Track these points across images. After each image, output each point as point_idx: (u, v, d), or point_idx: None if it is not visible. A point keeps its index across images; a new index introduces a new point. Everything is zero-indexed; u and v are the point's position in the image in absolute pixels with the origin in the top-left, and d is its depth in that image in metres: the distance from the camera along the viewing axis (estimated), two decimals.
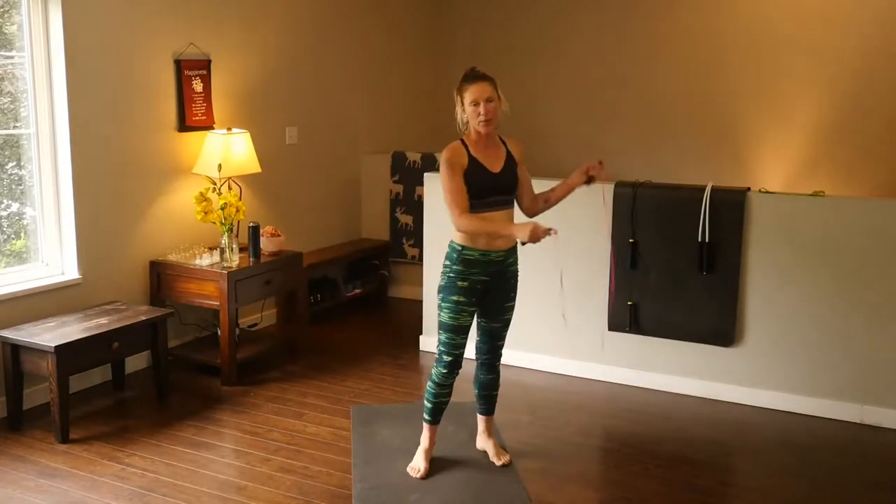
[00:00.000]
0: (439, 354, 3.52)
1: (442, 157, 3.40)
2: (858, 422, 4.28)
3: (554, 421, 4.31)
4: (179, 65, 4.98)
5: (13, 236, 4.50)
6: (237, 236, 4.98)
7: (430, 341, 5.25)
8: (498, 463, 3.72)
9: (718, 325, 4.51)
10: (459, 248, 3.44)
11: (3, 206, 4.45)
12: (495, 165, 3.43)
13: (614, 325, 4.75)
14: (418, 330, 5.41)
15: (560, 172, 6.69)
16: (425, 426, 3.67)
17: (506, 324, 3.61)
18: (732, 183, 5.21)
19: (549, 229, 3.23)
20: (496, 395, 3.78)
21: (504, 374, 4.93)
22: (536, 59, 7.26)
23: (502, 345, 3.68)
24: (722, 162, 6.59)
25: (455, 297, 3.44)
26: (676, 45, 6.73)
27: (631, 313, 4.69)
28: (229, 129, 5.09)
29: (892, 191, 6.02)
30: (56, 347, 3.89)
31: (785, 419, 4.35)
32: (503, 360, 5.01)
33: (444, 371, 3.52)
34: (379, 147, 6.64)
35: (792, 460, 3.90)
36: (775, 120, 6.46)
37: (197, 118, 5.10)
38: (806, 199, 4.38)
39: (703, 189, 4.46)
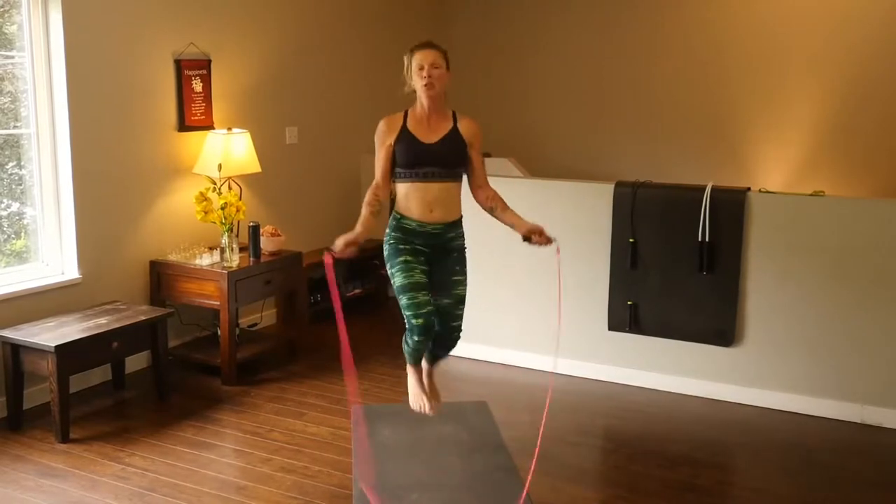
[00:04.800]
0: (407, 321, 3.35)
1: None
2: (858, 422, 4.28)
3: (554, 421, 4.31)
4: (179, 65, 4.98)
5: (13, 236, 4.50)
6: (237, 236, 4.98)
7: None
8: (430, 411, 3.61)
9: (718, 325, 4.51)
10: (398, 216, 3.43)
11: (3, 206, 4.45)
12: (431, 137, 3.39)
13: (614, 325, 4.75)
14: None
15: (558, 172, 6.72)
16: (410, 367, 3.61)
17: (457, 300, 3.47)
18: (732, 183, 5.20)
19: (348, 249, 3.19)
20: (441, 358, 3.67)
21: (504, 374, 4.96)
22: (537, 59, 7.26)
23: (458, 327, 3.51)
24: (722, 162, 6.60)
25: (401, 258, 3.39)
26: (677, 44, 6.73)
27: (631, 313, 4.69)
28: (229, 129, 5.09)
29: (892, 191, 6.02)
30: (56, 347, 3.89)
31: (785, 419, 4.36)
32: (504, 360, 5.06)
33: (418, 338, 3.38)
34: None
35: (792, 460, 3.90)
36: (775, 120, 6.46)
37: (197, 118, 5.10)
38: (806, 199, 4.38)
39: (703, 189, 4.46)
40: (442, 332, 3.52)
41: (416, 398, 3.66)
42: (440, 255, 3.46)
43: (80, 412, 4.28)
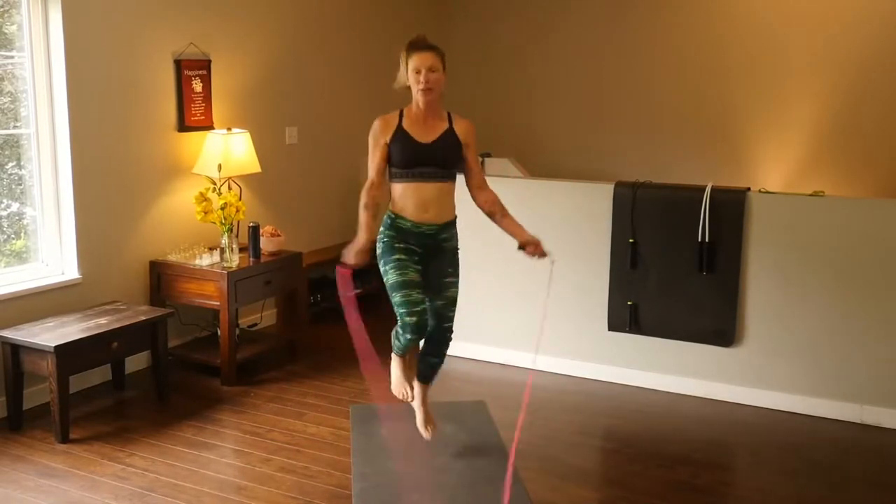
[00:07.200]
0: (400, 318, 3.33)
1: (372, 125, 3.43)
2: (858, 422, 4.28)
3: (554, 421, 4.31)
4: (179, 65, 4.98)
5: (13, 236, 4.50)
6: (237, 236, 4.98)
7: None
8: (425, 434, 3.62)
9: (718, 325, 4.51)
10: (393, 216, 3.42)
11: (3, 206, 4.45)
12: (427, 136, 3.38)
13: (614, 325, 4.75)
14: None
15: (558, 172, 6.72)
16: (396, 357, 3.58)
17: (449, 301, 3.46)
18: (732, 183, 5.21)
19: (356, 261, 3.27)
20: (437, 371, 3.63)
21: (504, 374, 4.96)
22: (537, 59, 7.26)
23: (450, 328, 3.51)
24: (722, 162, 6.60)
25: (396, 256, 3.37)
26: (677, 45, 6.73)
27: (631, 313, 4.69)
28: (229, 129, 5.09)
29: (892, 191, 6.02)
30: (56, 347, 3.89)
31: (785, 419, 4.35)
32: (503, 360, 5.06)
33: (410, 336, 3.37)
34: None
35: (792, 460, 3.90)
36: (775, 120, 6.46)
37: (196, 118, 5.10)
38: (806, 199, 4.38)
39: (703, 189, 4.46)
40: (434, 333, 3.50)
41: (399, 385, 3.62)
42: (433, 255, 3.45)
43: (80, 412, 4.28)
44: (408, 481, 3.56)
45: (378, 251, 3.46)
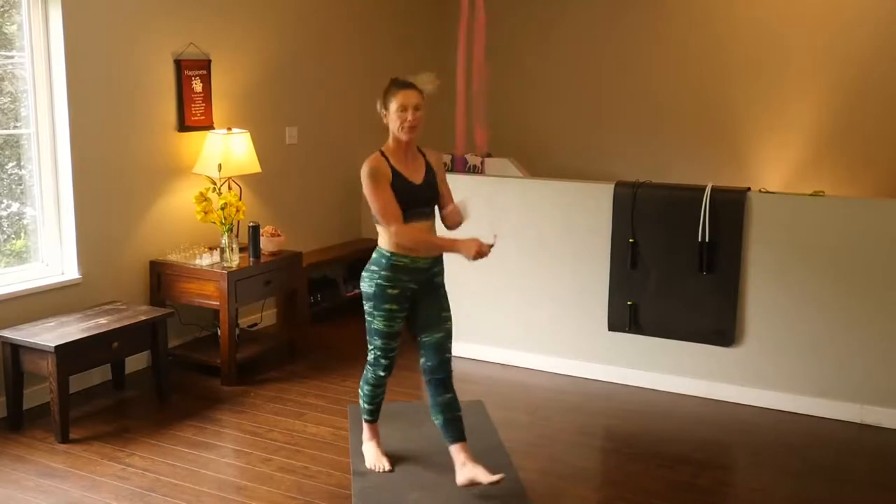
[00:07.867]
0: (376, 359, 3.57)
1: (365, 169, 3.40)
2: (858, 422, 4.28)
3: (554, 421, 4.31)
4: (179, 65, 4.98)
5: (13, 236, 4.50)
6: (237, 236, 4.98)
7: None
8: (491, 480, 3.39)
9: (718, 325, 4.51)
10: (388, 254, 3.43)
11: (3, 206, 4.45)
12: (416, 177, 3.44)
13: (614, 325, 4.75)
14: None
15: (558, 172, 6.72)
16: (367, 425, 3.75)
17: (448, 334, 3.56)
18: (732, 183, 5.20)
19: (490, 245, 3.28)
20: (461, 415, 3.55)
21: (504, 374, 4.96)
22: (536, 59, 7.26)
23: (450, 358, 3.59)
24: (722, 162, 6.59)
25: (388, 306, 3.46)
26: (677, 45, 6.73)
27: (631, 313, 4.69)
28: (229, 129, 5.09)
29: (892, 191, 6.02)
30: (56, 347, 3.89)
31: (785, 419, 4.35)
32: (507, 360, 5.06)
33: (382, 374, 3.60)
34: (379, 147, 6.63)
35: (792, 460, 3.90)
36: (775, 120, 6.46)
37: (197, 118, 5.10)
38: (806, 199, 4.38)
39: (703, 189, 4.46)
40: (436, 368, 3.54)
41: (375, 459, 3.70)
42: (427, 290, 3.51)
43: (80, 412, 4.28)
44: (408, 481, 3.57)
45: (370, 291, 3.50)
